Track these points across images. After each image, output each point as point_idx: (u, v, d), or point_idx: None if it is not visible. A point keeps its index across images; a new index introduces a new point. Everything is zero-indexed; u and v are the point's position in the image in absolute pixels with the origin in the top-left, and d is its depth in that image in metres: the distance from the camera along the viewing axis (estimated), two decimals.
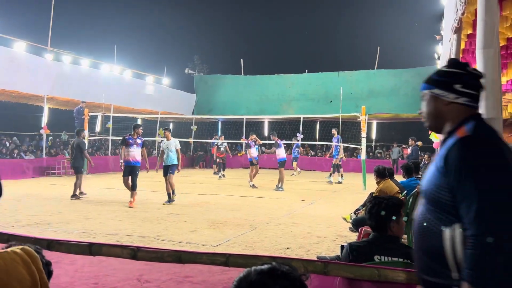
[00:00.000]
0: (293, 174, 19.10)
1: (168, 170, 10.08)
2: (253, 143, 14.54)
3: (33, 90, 16.75)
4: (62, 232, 6.64)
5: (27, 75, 16.04)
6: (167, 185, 9.96)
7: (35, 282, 1.04)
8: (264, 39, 43.38)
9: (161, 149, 10.47)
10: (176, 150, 10.17)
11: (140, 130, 10.14)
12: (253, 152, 14.42)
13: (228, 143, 22.05)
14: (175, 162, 10.15)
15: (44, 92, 17.25)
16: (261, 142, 16.64)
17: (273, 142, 14.06)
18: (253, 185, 13.96)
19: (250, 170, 14.40)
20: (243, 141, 22.16)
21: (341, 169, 16.95)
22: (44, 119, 17.96)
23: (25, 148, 18.61)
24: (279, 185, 13.25)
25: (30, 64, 16.38)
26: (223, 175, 17.48)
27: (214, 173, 19.02)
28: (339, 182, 15.84)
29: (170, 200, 9.89)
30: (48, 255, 1.74)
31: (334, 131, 16.33)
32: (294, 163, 19.10)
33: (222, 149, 18.21)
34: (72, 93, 18.39)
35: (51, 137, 20.71)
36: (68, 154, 18.66)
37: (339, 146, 16.01)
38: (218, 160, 18.33)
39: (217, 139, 19.57)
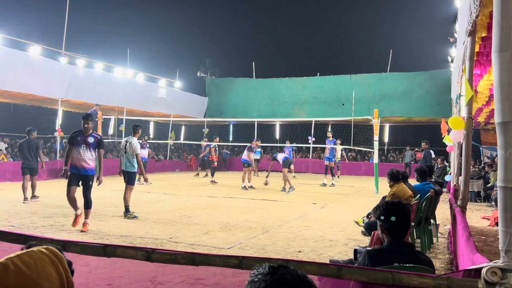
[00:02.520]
0: (294, 176, 19.22)
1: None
2: (255, 148, 14.87)
3: (47, 93, 16.98)
4: (76, 234, 6.71)
5: (42, 78, 16.26)
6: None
7: (62, 281, 1.05)
8: (276, 43, 43.46)
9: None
10: (137, 155, 8.64)
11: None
12: (253, 156, 14.72)
13: (240, 146, 22.10)
14: (134, 169, 8.66)
15: (58, 95, 17.47)
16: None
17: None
18: (244, 186, 14.08)
19: (244, 173, 14.47)
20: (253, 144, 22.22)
21: (338, 171, 17.06)
22: (58, 122, 18.19)
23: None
24: (284, 186, 13.37)
25: (45, 67, 16.60)
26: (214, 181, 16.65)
27: (197, 174, 18.69)
28: (332, 185, 15.86)
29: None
30: None
31: (329, 134, 16.43)
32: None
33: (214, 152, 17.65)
34: (86, 96, 18.60)
35: (65, 140, 20.94)
36: None
37: (335, 148, 16.12)
38: (215, 164, 17.39)
39: (207, 142, 18.78)
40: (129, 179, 8.56)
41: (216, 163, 17.38)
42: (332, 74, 25.29)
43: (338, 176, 18.10)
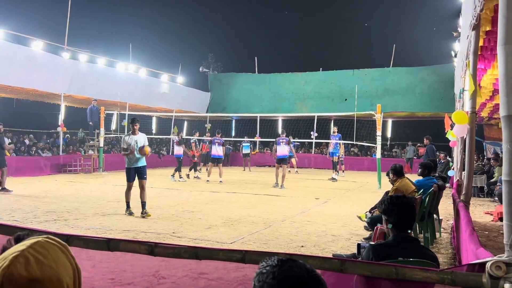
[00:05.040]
0: (296, 171, 19.30)
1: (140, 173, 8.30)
2: (221, 141, 14.80)
3: (50, 88, 17.00)
4: (79, 228, 6.73)
5: (44, 73, 16.28)
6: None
7: (74, 269, 1.05)
8: (278, 38, 43.33)
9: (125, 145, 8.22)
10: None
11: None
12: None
13: (246, 137, 22.06)
14: (145, 163, 8.37)
15: (61, 90, 17.49)
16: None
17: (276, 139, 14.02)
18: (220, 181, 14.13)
19: (216, 166, 14.52)
20: (257, 139, 22.20)
21: (343, 166, 17.17)
22: (61, 117, 18.23)
23: (42, 146, 18.92)
24: (277, 182, 13.29)
25: (48, 62, 16.61)
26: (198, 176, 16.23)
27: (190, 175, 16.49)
28: (334, 179, 15.97)
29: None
30: None
31: (335, 129, 16.45)
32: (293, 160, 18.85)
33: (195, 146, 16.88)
34: (88, 91, 18.61)
35: (68, 135, 21.01)
36: (84, 152, 18.92)
37: (339, 144, 16.15)
38: (195, 159, 16.55)
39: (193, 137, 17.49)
40: (144, 173, 8.35)
41: (196, 159, 16.73)
42: (335, 69, 25.23)
43: (343, 171, 18.12)
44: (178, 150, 15.29)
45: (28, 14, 29.61)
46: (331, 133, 16.57)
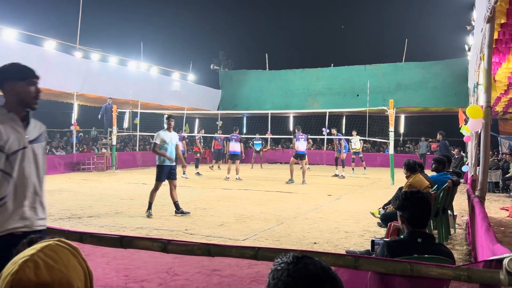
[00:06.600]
0: (308, 168, 19.34)
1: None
2: (238, 137, 14.94)
3: (63, 88, 17.17)
4: (93, 226, 6.80)
5: (57, 73, 16.42)
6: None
7: (85, 272, 1.05)
8: (289, 34, 43.17)
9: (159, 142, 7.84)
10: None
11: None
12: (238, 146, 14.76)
13: (258, 135, 22.12)
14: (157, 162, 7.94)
15: (73, 89, 17.65)
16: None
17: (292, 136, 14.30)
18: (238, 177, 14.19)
19: (234, 163, 14.58)
20: (268, 136, 22.18)
21: (363, 163, 17.40)
22: (74, 116, 18.40)
23: (56, 144, 19.13)
24: (291, 178, 13.46)
25: (60, 62, 16.77)
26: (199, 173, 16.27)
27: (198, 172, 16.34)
28: (338, 175, 16.06)
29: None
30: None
31: (334, 131, 16.71)
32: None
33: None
34: (100, 90, 18.76)
35: (81, 133, 21.21)
36: (97, 150, 19.11)
37: (345, 141, 16.39)
38: (197, 155, 16.82)
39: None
40: (176, 172, 8.08)
41: (198, 155, 16.97)
42: (346, 65, 25.05)
43: (353, 169, 18.04)
44: (180, 146, 15.44)
45: (41, 14, 29.94)
46: (334, 134, 16.82)
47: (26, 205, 2.32)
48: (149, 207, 7.72)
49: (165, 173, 7.77)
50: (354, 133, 17.47)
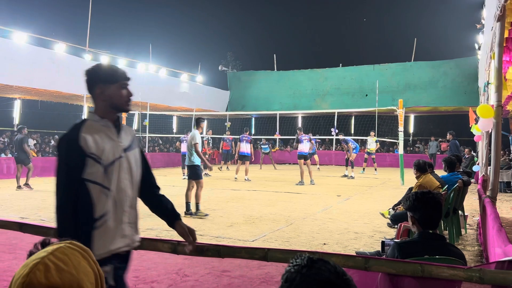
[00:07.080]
0: (318, 168, 19.32)
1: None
2: (249, 138, 14.92)
3: (73, 90, 17.30)
4: None
5: (67, 75, 16.57)
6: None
7: (96, 274, 1.05)
8: (297, 34, 43.15)
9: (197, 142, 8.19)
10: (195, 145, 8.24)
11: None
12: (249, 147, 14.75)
13: (264, 139, 22.15)
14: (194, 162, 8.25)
15: (83, 92, 17.72)
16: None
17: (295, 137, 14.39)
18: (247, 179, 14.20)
19: (243, 164, 14.56)
20: (276, 136, 22.17)
21: (375, 164, 17.37)
22: (84, 118, 18.53)
23: None
24: (301, 180, 13.39)
25: (70, 64, 16.91)
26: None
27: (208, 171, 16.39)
28: (348, 176, 16.02)
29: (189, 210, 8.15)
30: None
31: (341, 136, 16.90)
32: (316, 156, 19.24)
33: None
34: None
35: None
36: None
37: (353, 142, 16.45)
38: (206, 156, 17.07)
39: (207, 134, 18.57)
40: (191, 173, 8.27)
41: (206, 156, 16.74)
42: (355, 65, 24.97)
43: (364, 168, 18.01)
44: (183, 148, 15.49)
45: (50, 17, 30.25)
46: (341, 140, 16.97)
47: (125, 221, 2.13)
48: (197, 208, 7.98)
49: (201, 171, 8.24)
50: (372, 133, 17.40)
